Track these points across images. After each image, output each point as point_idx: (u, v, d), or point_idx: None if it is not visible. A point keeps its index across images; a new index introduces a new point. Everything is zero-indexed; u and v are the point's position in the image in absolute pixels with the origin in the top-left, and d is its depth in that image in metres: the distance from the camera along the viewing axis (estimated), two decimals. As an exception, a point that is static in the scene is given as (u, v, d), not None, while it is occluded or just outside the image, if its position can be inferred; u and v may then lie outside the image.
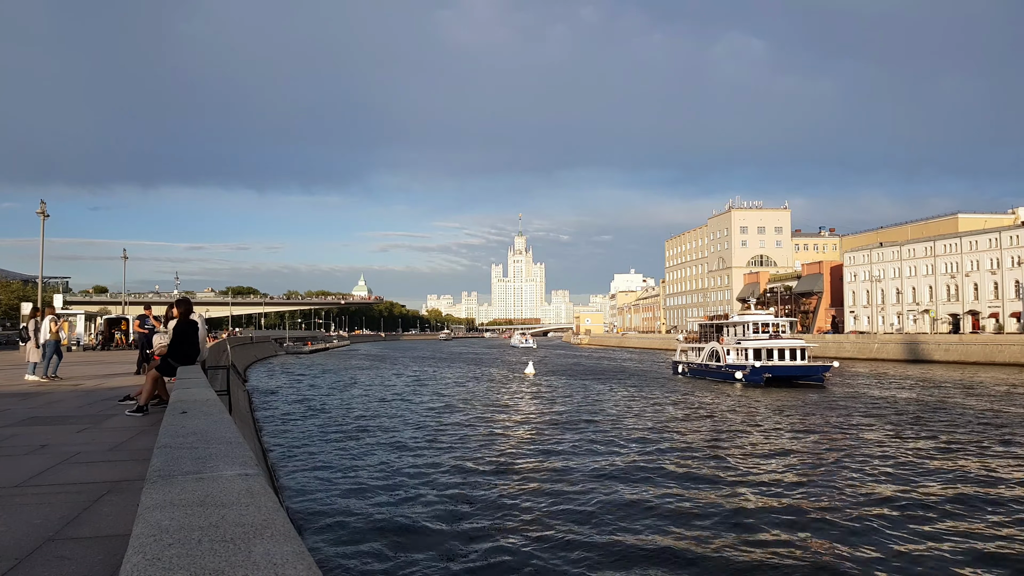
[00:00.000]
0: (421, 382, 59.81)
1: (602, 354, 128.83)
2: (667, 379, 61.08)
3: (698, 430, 30.40)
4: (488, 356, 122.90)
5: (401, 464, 23.13)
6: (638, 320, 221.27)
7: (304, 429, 31.96)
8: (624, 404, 40.85)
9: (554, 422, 33.19)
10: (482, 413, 37.19)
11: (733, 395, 46.44)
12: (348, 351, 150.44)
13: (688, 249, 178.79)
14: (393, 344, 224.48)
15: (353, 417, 35.84)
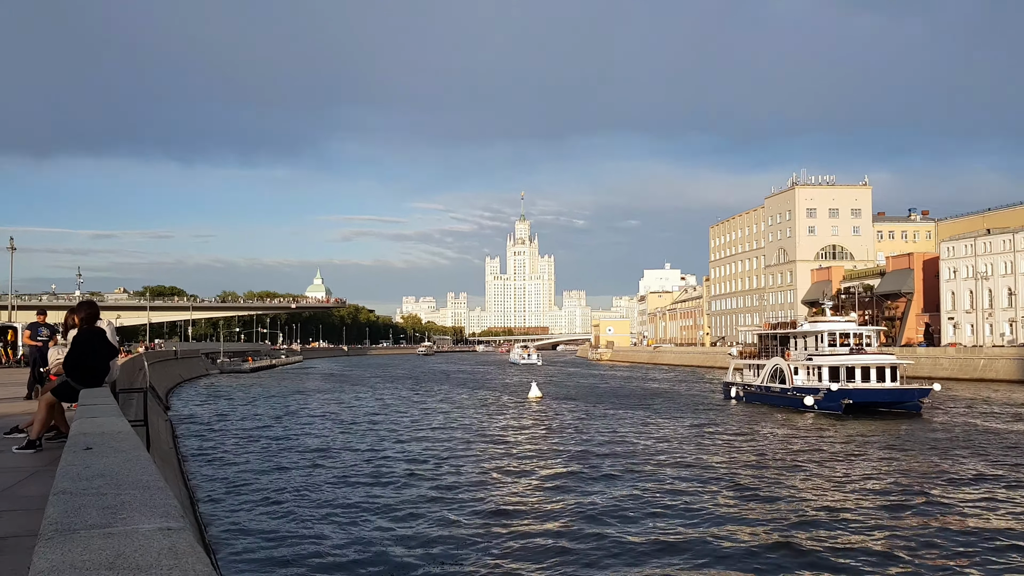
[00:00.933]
0: (392, 411, 59.93)
1: (628, 373, 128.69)
2: (716, 406, 60.96)
3: (757, 481, 29.98)
4: (480, 375, 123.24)
5: (360, 518, 23.25)
6: (675, 329, 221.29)
7: (242, 470, 32.15)
8: (657, 442, 40.66)
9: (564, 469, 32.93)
10: (469, 452, 37.26)
11: (802, 427, 46.33)
12: (300, 369, 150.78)
13: (739, 238, 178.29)
14: (358, 360, 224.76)
15: (303, 456, 36.05)
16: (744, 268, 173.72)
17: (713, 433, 43.69)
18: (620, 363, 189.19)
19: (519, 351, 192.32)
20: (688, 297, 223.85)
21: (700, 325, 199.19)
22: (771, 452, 36.23)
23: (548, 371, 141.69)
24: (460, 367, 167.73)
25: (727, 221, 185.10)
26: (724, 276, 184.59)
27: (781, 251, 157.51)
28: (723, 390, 68.87)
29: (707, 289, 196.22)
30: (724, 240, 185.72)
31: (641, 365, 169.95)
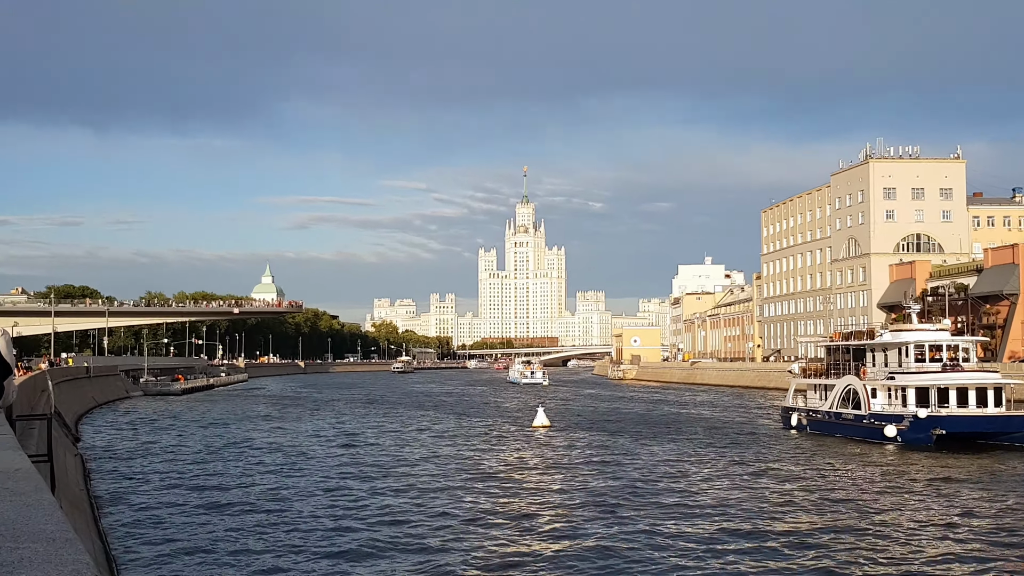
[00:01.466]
0: (359, 445, 60.12)
1: (658, 395, 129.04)
2: (771, 438, 61.23)
3: (826, 538, 29.68)
4: (471, 399, 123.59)
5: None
6: (717, 340, 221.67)
7: (171, 519, 32.26)
8: (696, 484, 40.67)
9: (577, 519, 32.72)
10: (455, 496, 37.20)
11: (883, 465, 46.36)
12: (245, 390, 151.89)
13: (798, 225, 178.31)
14: (318, 379, 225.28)
15: (247, 502, 36.19)
16: (805, 263, 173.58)
17: (768, 473, 43.67)
18: (648, 383, 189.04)
19: (520, 368, 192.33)
20: (734, 300, 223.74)
21: (749, 335, 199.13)
22: (843, 499, 36.10)
23: (558, 393, 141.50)
24: (446, 388, 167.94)
25: (783, 204, 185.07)
26: (779, 273, 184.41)
27: (851, 242, 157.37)
28: (781, 417, 69.05)
29: (758, 290, 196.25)
30: (779, 228, 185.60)
31: (675, 385, 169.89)
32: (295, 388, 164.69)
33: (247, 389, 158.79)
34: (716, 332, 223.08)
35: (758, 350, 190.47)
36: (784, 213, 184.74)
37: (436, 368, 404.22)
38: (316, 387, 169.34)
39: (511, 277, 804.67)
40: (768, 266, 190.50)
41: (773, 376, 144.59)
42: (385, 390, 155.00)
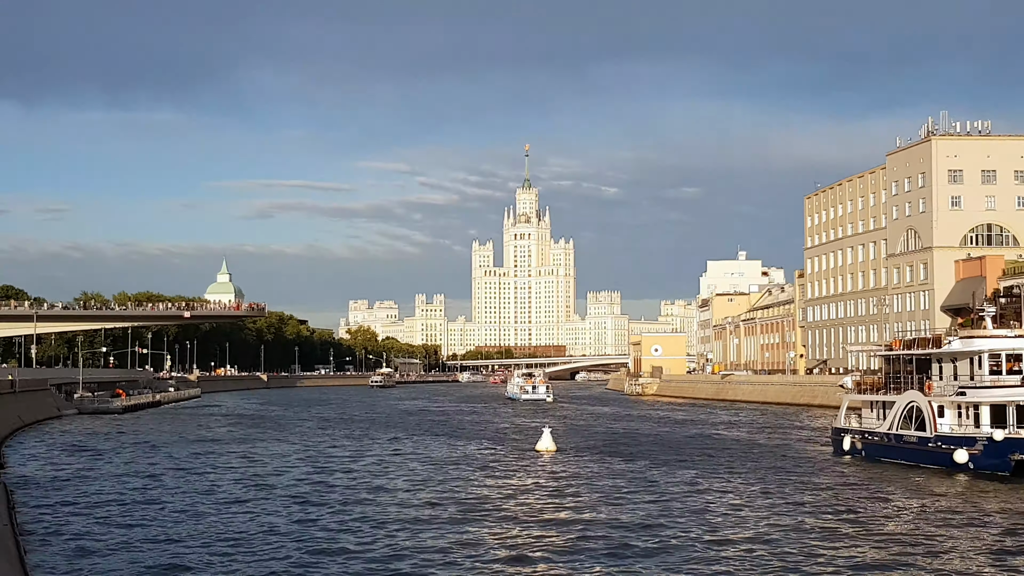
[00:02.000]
0: (330, 472, 60.17)
1: (684, 413, 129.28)
2: (819, 465, 61.39)
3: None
4: (463, 417, 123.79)
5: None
6: (753, 349, 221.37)
7: (108, 557, 31.93)
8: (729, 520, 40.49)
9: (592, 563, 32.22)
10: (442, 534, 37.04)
11: (952, 496, 46.23)
12: (198, 408, 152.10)
13: (848, 214, 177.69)
14: (283, 395, 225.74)
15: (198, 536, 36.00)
16: (856, 259, 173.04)
17: (815, 507, 43.44)
18: (672, 399, 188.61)
19: (519, 381, 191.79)
20: (773, 301, 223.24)
21: (790, 343, 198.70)
22: (906, 539, 35.84)
23: (564, 411, 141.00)
24: (434, 405, 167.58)
25: (830, 189, 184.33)
26: (826, 271, 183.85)
27: (911, 233, 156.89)
28: (831, 440, 69.01)
29: (801, 290, 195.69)
30: (826, 217, 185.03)
31: (703, 402, 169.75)
32: (256, 405, 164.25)
33: (200, 406, 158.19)
34: (751, 340, 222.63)
35: (801, 361, 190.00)
36: (831, 200, 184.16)
37: (423, 382, 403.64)
38: (281, 404, 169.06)
39: (510, 275, 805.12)
40: (813, 262, 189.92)
41: (819, 391, 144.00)
42: (362, 408, 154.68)
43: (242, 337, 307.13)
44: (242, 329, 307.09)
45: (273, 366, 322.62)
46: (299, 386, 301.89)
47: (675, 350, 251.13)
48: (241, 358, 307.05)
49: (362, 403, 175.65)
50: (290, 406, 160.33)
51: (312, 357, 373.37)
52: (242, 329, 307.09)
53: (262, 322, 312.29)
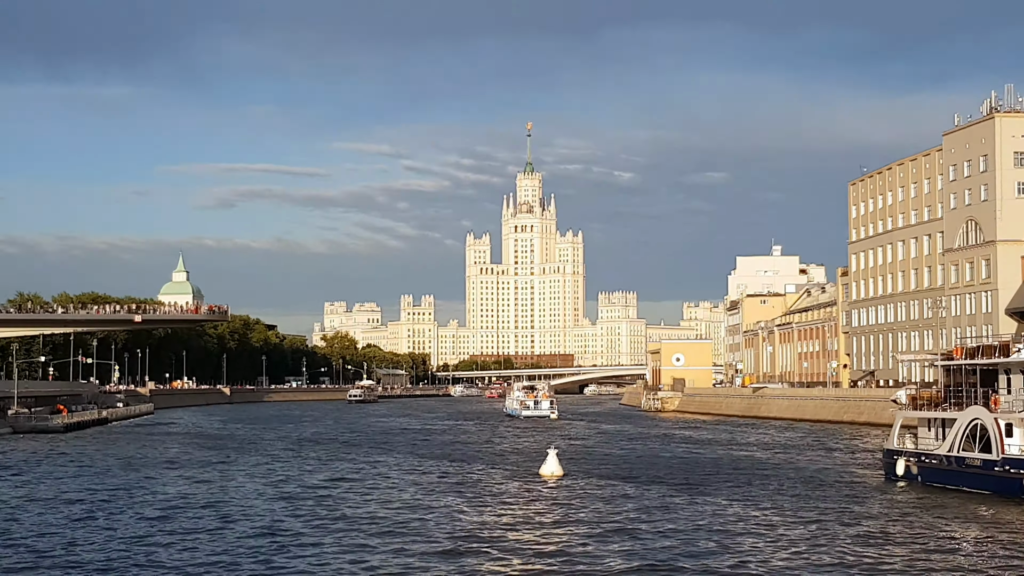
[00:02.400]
0: (303, 499, 60.03)
1: (711, 432, 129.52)
2: (870, 490, 61.31)
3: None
4: (456, 437, 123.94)
5: None
6: (789, 357, 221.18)
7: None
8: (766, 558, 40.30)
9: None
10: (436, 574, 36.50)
11: (1022, 531, 45.92)
12: (150, 426, 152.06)
13: (898, 203, 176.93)
14: (249, 411, 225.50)
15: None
16: (908, 254, 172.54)
17: (865, 541, 43.09)
18: (696, 415, 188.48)
19: (520, 395, 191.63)
20: (812, 304, 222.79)
21: (832, 351, 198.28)
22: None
23: (571, 429, 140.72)
24: (422, 422, 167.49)
25: (878, 174, 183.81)
26: (873, 268, 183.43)
27: (971, 225, 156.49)
28: (882, 463, 68.86)
29: (844, 290, 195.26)
30: (873, 207, 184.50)
31: (732, 419, 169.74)
32: (217, 423, 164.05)
33: (153, 424, 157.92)
34: (787, 347, 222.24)
35: (844, 372, 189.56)
36: (879, 187, 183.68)
37: (409, 396, 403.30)
38: (246, 421, 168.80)
39: (510, 273, 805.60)
40: (858, 258, 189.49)
41: (866, 407, 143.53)
42: (339, 426, 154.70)
43: (201, 345, 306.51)
44: (201, 336, 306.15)
45: (237, 378, 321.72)
46: (267, 401, 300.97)
47: (699, 359, 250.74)
48: (200, 369, 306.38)
49: (339, 421, 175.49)
50: (256, 424, 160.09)
51: (282, 368, 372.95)
52: (201, 336, 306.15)
53: (224, 327, 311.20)
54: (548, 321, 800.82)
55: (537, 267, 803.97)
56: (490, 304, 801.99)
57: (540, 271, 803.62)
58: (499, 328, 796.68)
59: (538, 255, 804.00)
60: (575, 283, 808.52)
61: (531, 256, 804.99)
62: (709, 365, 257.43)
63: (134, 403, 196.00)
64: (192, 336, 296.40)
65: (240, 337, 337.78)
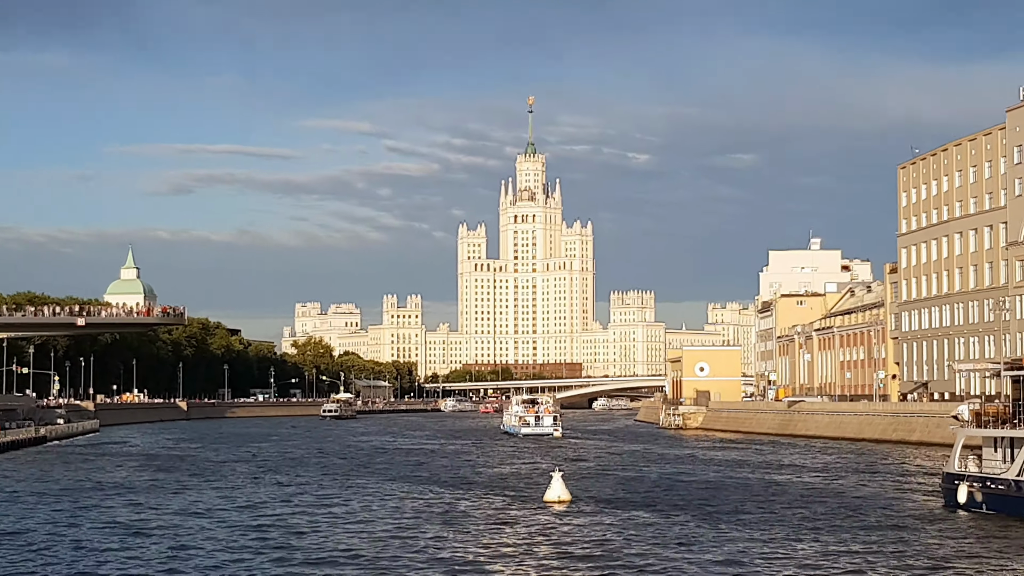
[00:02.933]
0: (268, 530, 60.03)
1: (741, 452, 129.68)
2: (927, 521, 61.38)
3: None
4: (447, 459, 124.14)
5: None
6: (830, 366, 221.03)
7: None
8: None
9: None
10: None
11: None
12: (95, 446, 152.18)
13: (955, 189, 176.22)
14: (209, 427, 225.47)
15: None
16: (966, 248, 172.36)
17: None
18: (723, 433, 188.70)
19: (519, 410, 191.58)
20: (857, 305, 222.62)
21: (880, 359, 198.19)
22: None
23: (579, 449, 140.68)
24: (408, 441, 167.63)
25: (931, 156, 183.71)
26: (927, 264, 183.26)
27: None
28: (941, 489, 68.73)
29: (893, 290, 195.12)
30: (926, 194, 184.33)
31: (765, 438, 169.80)
32: (173, 442, 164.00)
33: (98, 443, 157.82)
34: (828, 355, 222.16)
35: (894, 383, 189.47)
36: (933, 170, 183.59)
37: (393, 411, 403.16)
38: (205, 440, 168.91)
39: (508, 270, 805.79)
40: (909, 253, 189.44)
41: (919, 424, 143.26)
42: (312, 445, 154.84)
43: (154, 352, 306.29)
44: (154, 342, 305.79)
45: (195, 390, 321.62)
46: (229, 417, 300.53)
47: (727, 369, 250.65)
48: (153, 380, 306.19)
49: (312, 439, 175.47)
50: (217, 444, 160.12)
51: (246, 379, 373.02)
52: (154, 342, 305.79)
53: (180, 332, 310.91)
54: (552, 325, 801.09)
55: (540, 263, 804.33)
56: (486, 306, 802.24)
57: (543, 267, 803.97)
58: (496, 333, 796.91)
59: (541, 249, 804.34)
60: (583, 281, 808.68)
61: (533, 250, 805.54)
62: (738, 376, 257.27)
63: (76, 420, 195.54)
64: (143, 342, 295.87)
65: (198, 344, 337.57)
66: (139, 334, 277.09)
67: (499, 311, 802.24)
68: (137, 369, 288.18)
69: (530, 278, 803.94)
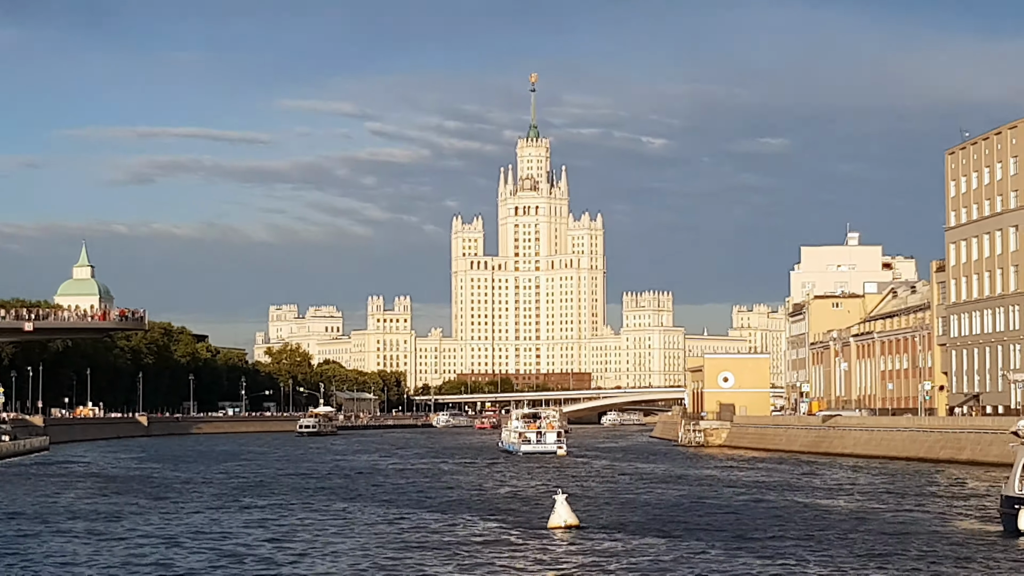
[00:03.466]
0: (238, 560, 60.22)
1: (769, 473, 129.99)
2: (984, 549, 61.46)
3: None
4: (438, 480, 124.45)
5: None
6: (870, 376, 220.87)
7: None
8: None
9: None
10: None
11: None
12: (44, 466, 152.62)
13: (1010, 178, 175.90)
14: (172, 444, 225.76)
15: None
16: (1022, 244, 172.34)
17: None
18: (749, 451, 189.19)
19: (518, 425, 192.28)
20: (900, 308, 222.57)
21: (926, 368, 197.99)
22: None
23: (589, 467, 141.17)
24: (395, 461, 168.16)
25: (983, 140, 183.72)
26: (979, 262, 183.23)
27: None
28: (1000, 514, 68.37)
29: (941, 291, 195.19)
30: (977, 183, 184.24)
31: (797, 456, 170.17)
32: (132, 462, 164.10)
33: (48, 463, 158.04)
34: (867, 364, 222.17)
35: (941, 395, 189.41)
36: (986, 157, 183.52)
37: (379, 426, 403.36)
38: (168, 460, 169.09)
39: (509, 268, 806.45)
40: (958, 249, 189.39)
41: (969, 441, 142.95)
42: (288, 465, 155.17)
43: (111, 361, 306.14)
44: (111, 349, 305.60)
45: (157, 404, 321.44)
46: (195, 433, 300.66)
47: (754, 379, 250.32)
48: (110, 392, 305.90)
49: (287, 458, 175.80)
50: (181, 463, 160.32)
51: (215, 390, 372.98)
52: (111, 349, 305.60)
53: (140, 338, 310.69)
54: (558, 331, 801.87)
55: (544, 260, 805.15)
56: (483, 309, 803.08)
57: (547, 266, 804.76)
58: (495, 340, 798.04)
59: (545, 245, 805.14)
60: (592, 281, 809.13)
61: (536, 246, 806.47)
62: (766, 387, 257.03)
63: (23, 436, 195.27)
64: (99, 350, 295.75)
65: (160, 351, 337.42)
66: (94, 341, 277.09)
67: (498, 315, 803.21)
68: (92, 380, 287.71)
69: (533, 277, 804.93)
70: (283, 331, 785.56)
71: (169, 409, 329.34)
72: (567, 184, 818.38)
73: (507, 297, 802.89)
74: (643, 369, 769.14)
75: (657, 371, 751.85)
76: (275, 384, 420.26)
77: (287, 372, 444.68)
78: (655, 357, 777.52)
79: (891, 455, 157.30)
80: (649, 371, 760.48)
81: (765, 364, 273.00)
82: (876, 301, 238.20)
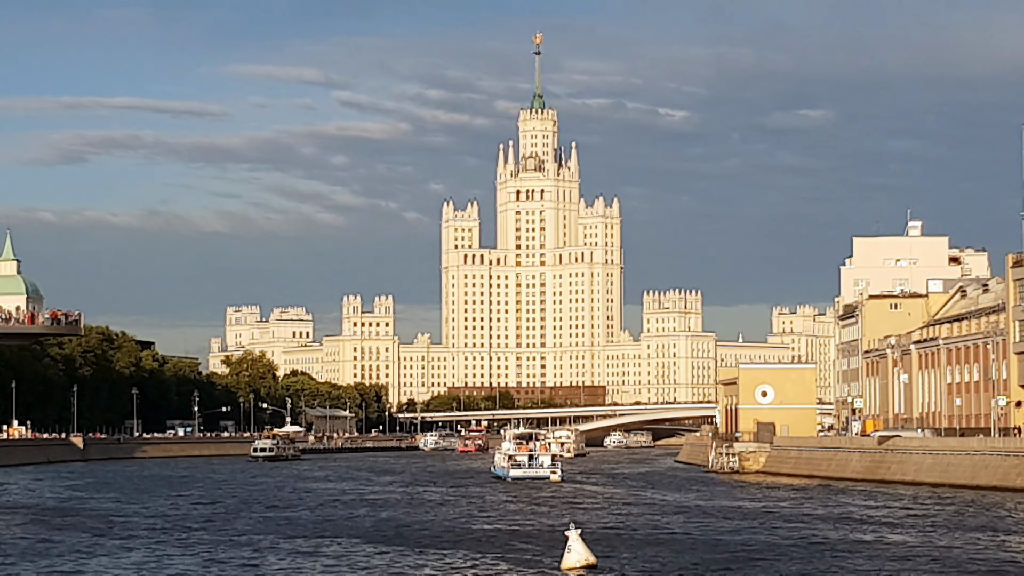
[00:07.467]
0: None
1: (814, 503, 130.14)
2: None
3: None
4: (425, 510, 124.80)
5: None
6: (934, 389, 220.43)
7: None
8: None
9: None
10: None
11: None
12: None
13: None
14: (113, 470, 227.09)
15: None
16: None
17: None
18: (792, 478, 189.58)
19: (510, 447, 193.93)
20: (970, 309, 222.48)
21: (1000, 380, 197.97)
22: None
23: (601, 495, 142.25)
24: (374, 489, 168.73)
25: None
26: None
27: None
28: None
29: (1018, 289, 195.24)
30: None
31: (847, 484, 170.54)
32: (64, 490, 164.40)
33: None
34: (931, 375, 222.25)
35: (1019, 411, 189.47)
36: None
37: (356, 449, 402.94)
38: (107, 488, 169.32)
39: (509, 263, 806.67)
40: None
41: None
42: (247, 494, 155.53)
43: (40, 372, 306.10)
44: (40, 358, 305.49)
45: (95, 422, 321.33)
46: (139, 457, 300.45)
47: (798, 394, 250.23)
48: (40, 408, 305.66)
49: (247, 486, 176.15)
50: (123, 492, 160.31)
51: (162, 407, 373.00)
52: (40, 358, 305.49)
53: (75, 345, 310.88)
54: (567, 337, 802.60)
55: (550, 254, 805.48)
56: (479, 310, 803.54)
57: (554, 260, 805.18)
58: (492, 347, 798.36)
59: (552, 236, 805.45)
60: (607, 278, 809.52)
61: (541, 237, 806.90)
62: (812, 403, 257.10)
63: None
64: (26, 359, 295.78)
65: (99, 360, 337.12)
66: (20, 348, 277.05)
67: (496, 318, 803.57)
68: (17, 394, 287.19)
69: (537, 274, 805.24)
70: (242, 337, 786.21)
71: (109, 429, 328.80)
72: (577, 164, 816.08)
73: (507, 298, 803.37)
74: (667, 382, 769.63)
75: (683, 384, 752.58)
76: (233, 399, 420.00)
77: (247, 385, 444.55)
78: (681, 368, 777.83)
79: (960, 483, 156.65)
80: (674, 384, 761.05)
81: (811, 376, 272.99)
82: (942, 302, 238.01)
